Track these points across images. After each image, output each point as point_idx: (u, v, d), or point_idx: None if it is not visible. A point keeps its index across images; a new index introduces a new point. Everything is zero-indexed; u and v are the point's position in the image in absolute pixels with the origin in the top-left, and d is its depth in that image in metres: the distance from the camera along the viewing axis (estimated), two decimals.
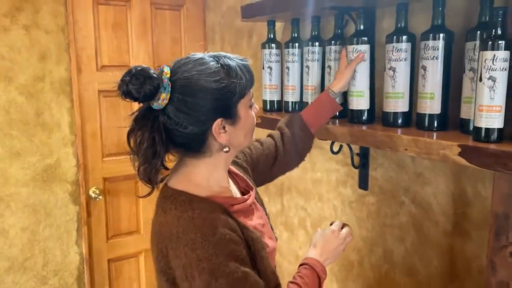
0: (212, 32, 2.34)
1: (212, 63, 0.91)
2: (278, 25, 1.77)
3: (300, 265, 1.03)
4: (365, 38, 1.22)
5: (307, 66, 1.42)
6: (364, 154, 1.47)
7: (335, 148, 1.48)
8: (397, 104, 1.16)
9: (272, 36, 1.55)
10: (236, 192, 1.04)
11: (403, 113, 1.16)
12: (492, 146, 0.90)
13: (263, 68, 1.57)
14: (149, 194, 0.95)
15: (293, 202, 1.89)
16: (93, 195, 2.23)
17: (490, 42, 0.88)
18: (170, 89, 0.88)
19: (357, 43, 1.22)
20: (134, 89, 0.86)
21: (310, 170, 1.75)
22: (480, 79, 0.90)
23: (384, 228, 1.45)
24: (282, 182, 1.94)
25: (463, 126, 1.04)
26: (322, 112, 1.25)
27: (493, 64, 0.88)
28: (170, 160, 1.00)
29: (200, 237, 0.85)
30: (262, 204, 1.15)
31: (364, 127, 1.22)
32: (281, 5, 1.36)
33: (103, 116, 2.24)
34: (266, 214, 1.13)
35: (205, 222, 0.87)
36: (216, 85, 0.89)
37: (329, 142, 1.48)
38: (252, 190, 1.07)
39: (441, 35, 1.04)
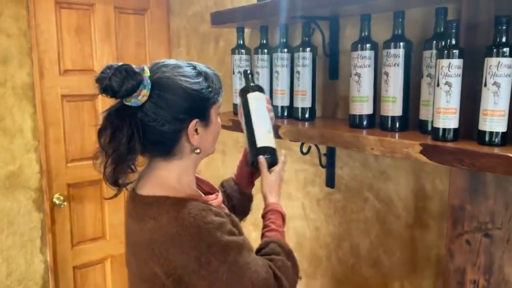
0: (177, 36, 2.37)
1: (189, 68, 0.96)
2: (247, 31, 1.83)
3: (265, 213, 1.13)
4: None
5: (277, 72, 1.49)
6: (330, 154, 1.56)
7: (304, 149, 1.56)
8: (363, 107, 1.25)
9: (241, 42, 1.61)
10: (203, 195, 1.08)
11: (368, 116, 1.25)
12: (449, 144, 1.00)
13: (234, 73, 1.62)
14: (115, 195, 0.97)
15: (263, 202, 1.95)
16: (57, 201, 2.19)
17: (445, 51, 0.99)
18: (150, 86, 0.91)
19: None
20: (116, 83, 0.87)
21: None
22: (438, 84, 1.01)
23: (350, 223, 1.54)
24: None
25: (422, 126, 1.14)
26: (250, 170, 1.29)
27: (448, 71, 0.98)
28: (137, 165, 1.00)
29: (203, 227, 0.89)
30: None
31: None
32: (252, 13, 1.42)
33: (67, 121, 2.20)
34: None
35: (202, 214, 0.90)
36: (195, 86, 0.94)
37: (299, 143, 1.55)
38: (218, 192, 1.11)
39: (402, 44, 1.14)
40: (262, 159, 1.17)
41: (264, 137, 1.20)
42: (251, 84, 1.27)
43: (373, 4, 1.15)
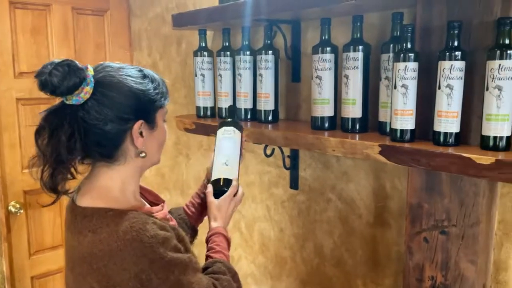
0: (139, 38, 2.32)
1: (133, 70, 0.95)
2: (209, 34, 1.82)
3: (209, 236, 1.09)
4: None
5: (239, 74, 1.49)
6: (294, 156, 1.57)
7: (268, 151, 1.57)
8: (324, 109, 1.27)
9: (203, 45, 1.60)
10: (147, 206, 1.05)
11: (330, 117, 1.28)
12: (407, 145, 1.03)
13: (196, 76, 1.61)
14: (53, 203, 0.93)
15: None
16: (13, 209, 2.10)
17: (402, 55, 1.02)
18: (93, 84, 0.87)
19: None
20: (57, 79, 0.83)
21: (243, 174, 1.82)
22: (395, 87, 1.04)
23: (314, 224, 1.56)
24: None
25: (381, 128, 1.17)
26: (204, 215, 1.25)
27: (405, 73, 1.01)
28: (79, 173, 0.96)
29: (146, 241, 0.84)
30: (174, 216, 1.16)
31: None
32: (213, 15, 1.41)
33: (22, 126, 2.12)
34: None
35: (145, 227, 0.86)
36: (141, 86, 0.92)
37: (262, 146, 1.56)
38: (163, 203, 1.08)
39: (360, 47, 1.17)
40: (209, 188, 1.15)
41: (217, 170, 1.18)
42: (228, 119, 1.26)
43: (333, 9, 1.17)
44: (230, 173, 1.18)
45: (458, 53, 0.95)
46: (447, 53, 0.96)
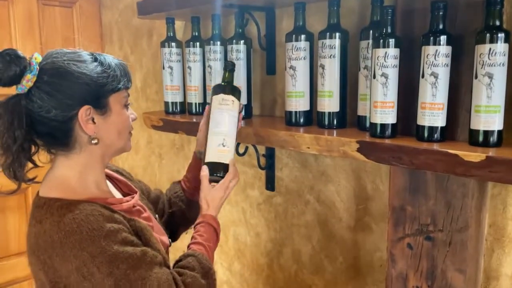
0: (110, 31, 2.19)
1: (85, 54, 0.90)
2: (180, 24, 1.70)
3: (196, 224, 1.03)
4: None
5: (209, 66, 1.37)
6: (269, 155, 1.46)
7: (241, 150, 1.45)
8: (298, 103, 1.15)
9: (171, 35, 1.47)
10: (118, 196, 1.01)
11: (305, 112, 1.16)
12: (387, 141, 0.92)
13: (164, 68, 1.48)
14: (15, 191, 0.91)
15: None
16: None
17: (381, 40, 0.91)
18: (37, 72, 0.85)
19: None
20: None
21: None
22: (374, 76, 0.92)
23: (291, 228, 1.45)
24: None
25: (360, 122, 1.06)
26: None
27: (385, 61, 0.90)
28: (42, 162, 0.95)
29: (87, 234, 0.81)
30: (151, 210, 1.10)
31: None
32: (180, 1, 1.29)
33: None
34: (155, 216, 1.10)
35: (88, 219, 0.83)
36: (85, 70, 0.87)
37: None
38: (135, 194, 1.04)
39: (337, 34, 1.05)
40: (205, 171, 1.05)
41: (213, 152, 1.06)
42: (226, 82, 1.11)
43: None
44: (227, 156, 1.06)
45: (443, 37, 0.84)
46: (431, 37, 0.85)
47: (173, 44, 1.46)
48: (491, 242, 0.98)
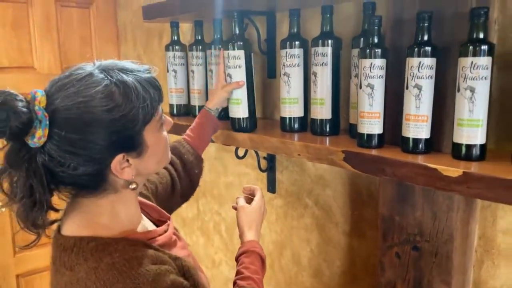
0: (124, 31, 2.25)
1: (103, 82, 0.70)
2: (187, 26, 1.73)
3: (239, 254, 0.94)
4: (241, 43, 1.21)
5: (211, 70, 1.39)
6: (271, 158, 1.47)
7: (240, 153, 1.47)
8: (293, 109, 1.16)
9: (176, 38, 1.50)
10: (150, 225, 0.90)
11: (299, 118, 1.17)
12: (373, 152, 0.92)
13: (168, 71, 1.52)
14: (34, 242, 0.77)
15: (208, 206, 1.86)
16: None
17: (368, 50, 0.90)
18: (47, 122, 0.68)
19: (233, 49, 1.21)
20: None
21: (222, 175, 1.73)
22: (360, 87, 0.92)
23: (291, 230, 1.46)
24: None
25: (352, 131, 1.06)
26: (205, 132, 1.21)
27: (370, 71, 0.90)
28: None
29: (131, 282, 0.69)
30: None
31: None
32: (182, 7, 1.31)
33: None
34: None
35: (131, 264, 0.71)
36: (110, 115, 0.69)
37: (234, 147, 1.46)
38: (169, 220, 0.93)
39: (329, 41, 1.06)
40: (241, 201, 1.05)
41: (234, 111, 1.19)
42: (237, 34, 1.19)
43: None
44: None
45: (427, 49, 0.83)
46: (416, 49, 0.84)
47: (177, 47, 1.49)
48: (481, 253, 0.97)
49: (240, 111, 1.21)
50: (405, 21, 0.92)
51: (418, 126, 0.86)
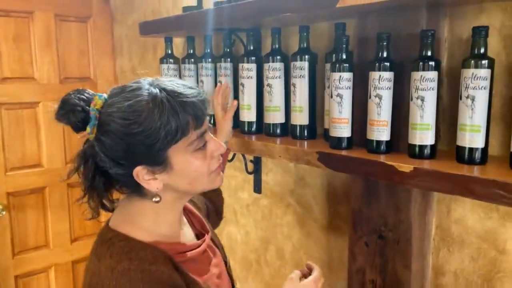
0: (120, 44, 2.38)
1: (138, 97, 0.77)
2: (179, 40, 1.87)
3: None
4: (254, 58, 1.35)
5: (201, 81, 1.53)
6: (256, 161, 1.61)
7: (228, 157, 1.60)
8: (275, 116, 1.30)
9: (169, 52, 1.64)
10: (190, 235, 0.95)
11: (281, 124, 1.31)
12: (343, 152, 1.06)
13: None
14: (91, 218, 0.87)
15: None
16: None
17: (337, 65, 1.05)
18: (96, 123, 0.79)
19: (248, 62, 1.35)
20: (61, 119, 0.80)
21: None
22: (331, 96, 1.07)
23: (275, 227, 1.59)
24: None
25: (326, 135, 1.20)
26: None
27: (339, 83, 1.05)
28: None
29: None
30: (220, 248, 1.04)
31: (252, 137, 1.35)
32: (173, 24, 1.46)
33: (5, 129, 2.19)
34: (225, 260, 1.03)
35: (144, 276, 0.76)
36: (127, 129, 0.76)
37: None
38: (207, 234, 0.96)
39: (306, 56, 1.20)
40: (295, 273, 0.98)
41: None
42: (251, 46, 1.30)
43: (285, 18, 1.20)
44: None
45: (386, 64, 0.98)
46: (376, 64, 0.99)
47: (171, 60, 1.63)
48: (438, 242, 1.11)
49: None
50: (369, 40, 1.07)
51: (380, 130, 1.01)
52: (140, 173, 0.79)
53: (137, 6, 2.17)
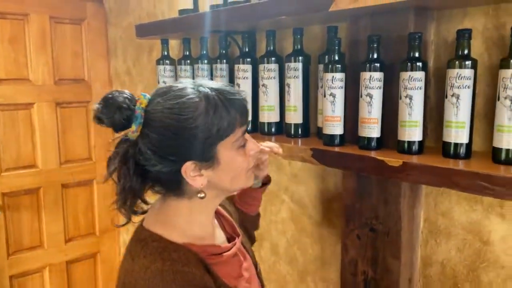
0: (115, 46, 2.41)
1: (190, 95, 0.80)
2: (175, 42, 1.91)
3: None
4: (249, 59, 1.40)
5: None
6: None
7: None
8: (270, 115, 1.35)
9: (166, 53, 1.68)
10: (221, 237, 0.96)
11: (276, 123, 1.36)
12: (336, 149, 1.11)
13: (159, 83, 1.69)
14: (125, 224, 0.88)
15: None
16: None
17: (330, 66, 1.10)
18: (141, 121, 0.80)
19: (243, 63, 1.39)
20: (104, 118, 0.81)
21: None
22: (324, 95, 1.12)
23: (270, 224, 1.64)
24: None
25: (319, 133, 1.26)
26: (252, 197, 1.24)
27: (332, 83, 1.10)
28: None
29: None
30: (250, 253, 1.06)
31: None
32: (169, 27, 1.50)
33: (0, 130, 2.21)
34: (255, 264, 1.05)
35: (176, 277, 0.77)
36: (183, 124, 0.78)
37: None
38: (238, 237, 0.98)
39: (300, 58, 1.25)
40: None
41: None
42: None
43: (282, 21, 1.25)
44: None
45: (377, 65, 1.04)
46: (367, 65, 1.04)
47: (167, 61, 1.67)
48: (426, 234, 1.17)
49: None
50: (360, 42, 1.12)
51: (370, 127, 1.06)
52: (188, 169, 0.81)
53: (131, 8, 2.21)
